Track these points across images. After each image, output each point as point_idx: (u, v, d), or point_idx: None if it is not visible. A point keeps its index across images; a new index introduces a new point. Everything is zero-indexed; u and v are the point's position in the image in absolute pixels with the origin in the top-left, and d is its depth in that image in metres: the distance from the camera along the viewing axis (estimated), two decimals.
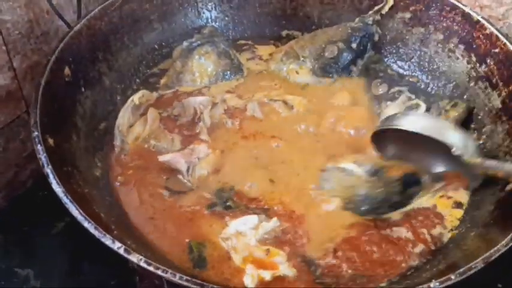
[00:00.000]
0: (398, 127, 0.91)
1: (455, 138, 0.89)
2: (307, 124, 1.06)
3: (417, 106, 1.06)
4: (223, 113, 1.07)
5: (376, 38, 1.19)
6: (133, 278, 0.98)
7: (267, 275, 0.80)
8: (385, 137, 0.95)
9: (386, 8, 1.18)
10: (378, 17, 1.18)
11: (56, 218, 1.07)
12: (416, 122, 0.92)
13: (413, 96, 1.08)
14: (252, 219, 0.87)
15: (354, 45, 1.16)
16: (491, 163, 0.89)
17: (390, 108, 1.07)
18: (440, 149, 0.89)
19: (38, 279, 1.00)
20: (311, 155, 1.00)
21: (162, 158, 0.97)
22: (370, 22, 1.18)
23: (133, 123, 1.04)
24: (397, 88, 1.11)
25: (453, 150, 0.88)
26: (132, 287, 0.98)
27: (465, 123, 1.05)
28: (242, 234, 0.85)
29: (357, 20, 1.19)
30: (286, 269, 0.82)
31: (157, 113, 1.06)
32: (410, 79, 1.18)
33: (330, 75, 1.16)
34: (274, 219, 0.88)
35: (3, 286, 0.99)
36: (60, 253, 1.05)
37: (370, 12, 1.19)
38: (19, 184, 1.14)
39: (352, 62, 1.16)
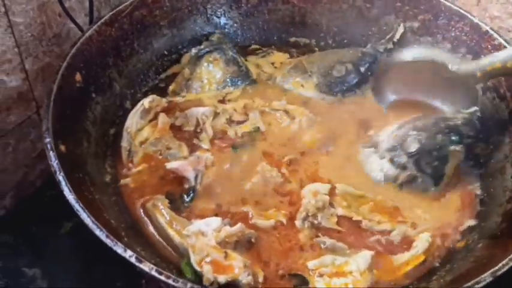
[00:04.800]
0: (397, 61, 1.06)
1: (446, 56, 1.01)
2: None
3: None
4: (225, 122, 1.07)
5: None
6: (140, 280, 0.99)
7: (222, 279, 0.78)
8: (383, 85, 1.11)
9: (398, 36, 1.18)
10: (390, 46, 1.18)
11: (64, 218, 1.08)
12: (409, 52, 1.08)
13: None
14: (215, 221, 0.86)
15: (362, 69, 1.16)
16: (484, 60, 0.94)
17: None
18: (436, 78, 0.98)
19: (45, 278, 1.01)
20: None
21: (169, 166, 0.96)
22: (382, 50, 1.18)
23: (141, 128, 1.03)
24: None
25: (450, 66, 0.96)
26: None
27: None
28: (203, 234, 0.84)
29: (368, 45, 1.19)
30: (243, 274, 0.79)
31: (167, 118, 1.05)
32: None
33: (334, 93, 1.15)
34: (239, 224, 0.86)
35: (10, 285, 1.00)
36: (68, 253, 1.06)
37: (383, 40, 1.19)
38: (28, 184, 1.15)
39: (357, 85, 1.16)
